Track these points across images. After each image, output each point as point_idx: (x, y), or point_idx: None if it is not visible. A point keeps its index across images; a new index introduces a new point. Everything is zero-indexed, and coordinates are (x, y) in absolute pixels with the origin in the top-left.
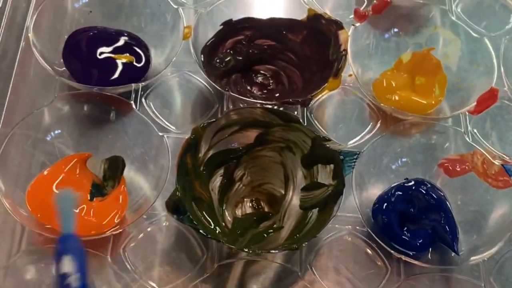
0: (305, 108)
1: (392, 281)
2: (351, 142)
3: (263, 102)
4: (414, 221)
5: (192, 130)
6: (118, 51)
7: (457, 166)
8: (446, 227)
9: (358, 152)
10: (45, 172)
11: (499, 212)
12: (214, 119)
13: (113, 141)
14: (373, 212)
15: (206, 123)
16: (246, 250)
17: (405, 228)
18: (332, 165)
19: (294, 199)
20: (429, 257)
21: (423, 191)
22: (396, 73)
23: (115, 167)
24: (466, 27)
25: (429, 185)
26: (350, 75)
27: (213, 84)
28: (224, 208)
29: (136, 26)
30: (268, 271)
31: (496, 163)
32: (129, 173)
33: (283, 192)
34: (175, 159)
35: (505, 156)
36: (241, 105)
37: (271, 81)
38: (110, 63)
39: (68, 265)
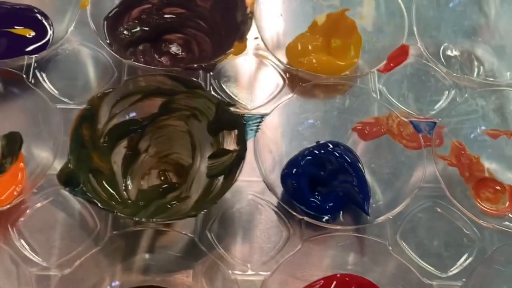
0: (209, 74)
1: (294, 243)
2: (256, 106)
3: (165, 69)
4: (325, 185)
5: (88, 100)
6: (18, 25)
7: (372, 129)
8: (357, 188)
9: (261, 116)
10: None
11: (411, 172)
12: (112, 89)
13: (6, 116)
14: (282, 178)
15: (103, 93)
16: (139, 219)
17: (316, 193)
18: (236, 131)
19: (201, 168)
20: (341, 219)
21: (336, 153)
22: (311, 36)
23: (12, 143)
24: None
25: (342, 147)
26: (256, 38)
27: (114, 54)
28: (128, 180)
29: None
30: (173, 242)
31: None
32: (25, 148)
33: (190, 162)
34: None
35: (413, 114)
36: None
37: (181, 50)
38: (9, 38)
39: None
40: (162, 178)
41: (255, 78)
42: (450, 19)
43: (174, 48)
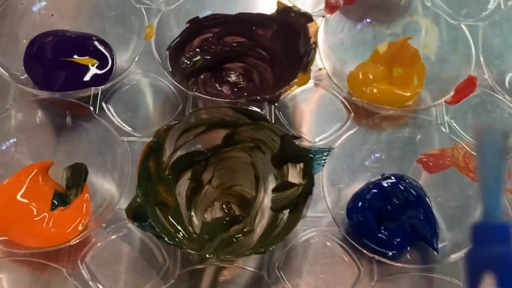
0: (273, 106)
1: (365, 282)
2: (321, 138)
3: (228, 100)
4: (391, 219)
5: (155, 133)
6: (81, 54)
7: (437, 161)
8: (425, 223)
9: (328, 149)
10: (5, 182)
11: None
12: (177, 121)
13: (72, 148)
14: (348, 212)
15: (169, 125)
16: (208, 255)
17: (382, 227)
18: (301, 164)
19: (265, 201)
20: (408, 256)
21: (401, 187)
22: (372, 65)
23: (77, 174)
24: (443, 14)
25: (407, 181)
26: (320, 69)
27: (178, 84)
28: (192, 212)
29: (98, 28)
30: (238, 277)
31: None
32: (91, 180)
33: (254, 194)
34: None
35: None
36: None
37: (241, 79)
38: (72, 68)
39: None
40: (226, 210)
41: (318, 109)
42: None
43: (234, 77)
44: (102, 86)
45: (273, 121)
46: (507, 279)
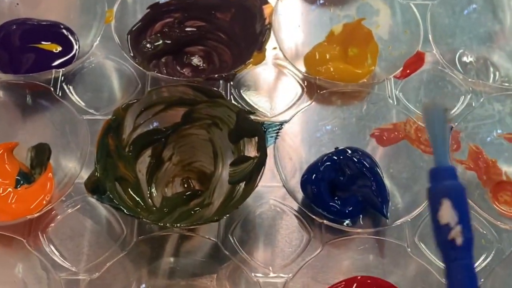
0: (229, 84)
1: (315, 246)
2: (276, 114)
3: (186, 79)
4: (344, 190)
5: (113, 111)
6: (45, 41)
7: (390, 135)
8: (376, 192)
9: (280, 123)
10: None
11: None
12: (135, 99)
13: (35, 128)
14: (302, 183)
15: (128, 104)
16: (163, 224)
17: (336, 198)
18: (256, 138)
19: (223, 175)
20: (361, 222)
21: (354, 159)
22: (328, 46)
23: (41, 154)
24: None
25: (360, 153)
26: (275, 48)
27: (138, 66)
28: (153, 188)
29: (62, 15)
30: (196, 247)
31: None
32: (53, 157)
33: (212, 169)
34: None
35: None
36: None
37: (202, 62)
38: (37, 53)
39: (448, 213)
40: (186, 185)
41: (274, 87)
42: (465, 26)
43: (195, 60)
44: (63, 69)
45: (229, 99)
46: (457, 200)
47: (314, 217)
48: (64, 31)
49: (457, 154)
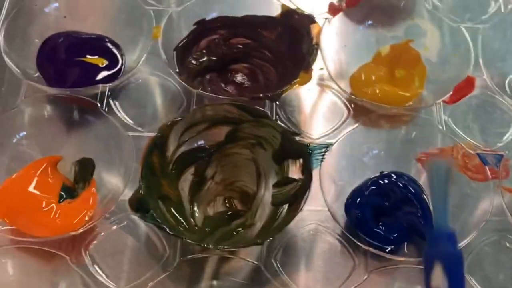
0: (274, 104)
1: (359, 274)
2: (321, 135)
3: (231, 98)
4: (389, 215)
5: (159, 128)
6: (91, 55)
7: None
8: (422, 219)
9: (326, 145)
10: (14, 176)
11: (477, 204)
12: (180, 117)
13: (79, 143)
14: (346, 207)
15: (173, 121)
16: (206, 245)
17: (380, 223)
18: (301, 160)
19: (266, 196)
20: (405, 251)
21: (400, 184)
22: (374, 67)
23: (85, 169)
24: (443, 16)
25: (406, 178)
26: (321, 69)
27: (183, 83)
28: (195, 207)
29: (109, 29)
30: (238, 269)
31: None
32: (97, 173)
33: (255, 189)
34: None
35: (480, 146)
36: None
37: (246, 80)
38: (83, 67)
39: (439, 277)
40: (228, 205)
41: (319, 107)
42: None
43: (239, 78)
44: (110, 84)
45: (274, 119)
46: (450, 266)
47: (358, 243)
48: (110, 45)
49: (507, 182)
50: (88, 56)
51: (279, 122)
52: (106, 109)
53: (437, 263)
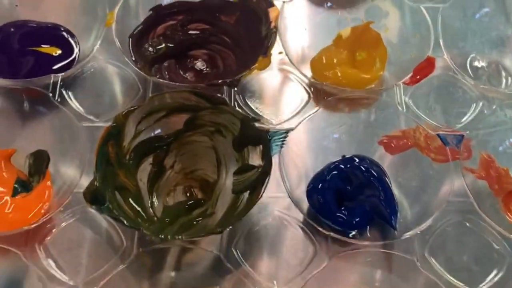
0: (233, 90)
1: (321, 259)
2: (281, 121)
3: (189, 85)
4: (351, 199)
5: (114, 118)
6: (45, 44)
7: (399, 142)
8: (384, 202)
9: (286, 131)
10: None
11: (439, 185)
12: (137, 106)
13: (33, 135)
14: (308, 192)
15: (128, 110)
16: (164, 237)
17: (342, 208)
18: (261, 146)
19: (227, 183)
20: (368, 234)
21: (362, 168)
22: (335, 50)
23: (40, 161)
24: None
25: (368, 162)
26: (281, 53)
27: (139, 71)
28: (154, 197)
29: (62, 16)
30: (198, 259)
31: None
32: (52, 166)
33: (216, 177)
34: None
35: (441, 127)
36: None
37: (205, 66)
38: (36, 57)
39: None
40: (188, 194)
41: (279, 92)
42: (476, 30)
43: (199, 64)
44: (62, 74)
45: (233, 105)
46: None
47: (320, 228)
48: (64, 33)
49: (468, 163)
50: (42, 45)
51: (238, 108)
52: (59, 100)
53: None
